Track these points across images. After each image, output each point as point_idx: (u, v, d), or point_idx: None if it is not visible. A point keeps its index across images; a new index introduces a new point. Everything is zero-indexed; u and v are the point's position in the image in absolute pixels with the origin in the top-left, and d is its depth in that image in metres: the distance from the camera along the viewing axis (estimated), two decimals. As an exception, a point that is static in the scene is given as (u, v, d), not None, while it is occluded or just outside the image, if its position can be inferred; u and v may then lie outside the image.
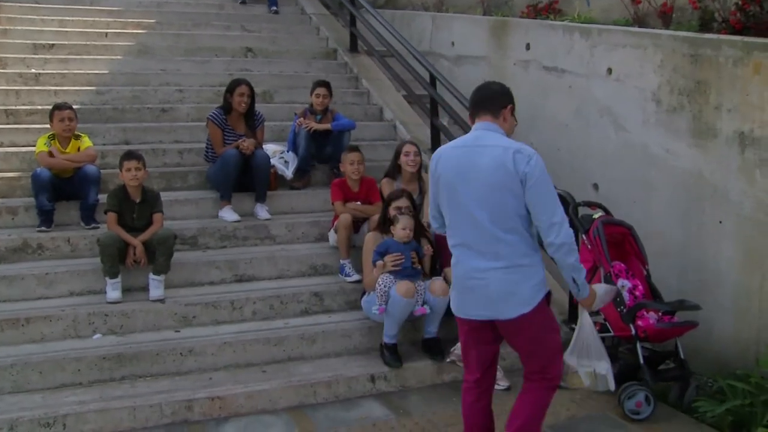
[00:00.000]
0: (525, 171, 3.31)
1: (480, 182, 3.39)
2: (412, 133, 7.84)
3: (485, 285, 3.43)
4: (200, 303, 5.27)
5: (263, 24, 10.25)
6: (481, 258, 3.43)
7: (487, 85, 3.68)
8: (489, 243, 3.40)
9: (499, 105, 3.56)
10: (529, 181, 3.31)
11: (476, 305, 3.51)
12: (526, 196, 3.34)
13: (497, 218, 3.37)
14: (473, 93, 3.65)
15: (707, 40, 5.36)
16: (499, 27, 7.95)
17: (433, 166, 3.61)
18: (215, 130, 6.31)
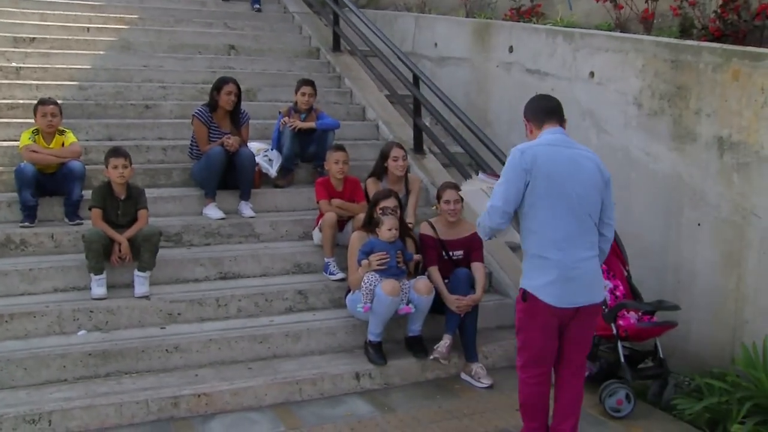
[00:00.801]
0: (607, 176, 3.86)
1: (585, 180, 3.75)
2: (394, 132, 7.89)
3: (586, 272, 3.75)
4: (185, 300, 5.28)
5: (246, 22, 10.24)
6: (582, 248, 3.75)
7: (551, 97, 4.07)
8: (588, 234, 3.78)
9: (563, 116, 3.97)
10: (608, 184, 3.87)
11: (579, 292, 3.75)
12: (604, 197, 3.84)
13: (593, 213, 3.79)
14: (541, 101, 4.01)
15: (688, 46, 5.48)
16: (482, 29, 8.04)
17: (527, 161, 3.70)
18: (201, 128, 6.31)
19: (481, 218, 3.84)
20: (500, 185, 3.75)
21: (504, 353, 5.57)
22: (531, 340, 3.84)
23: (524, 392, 3.96)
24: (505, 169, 3.77)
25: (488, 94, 7.96)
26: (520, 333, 3.88)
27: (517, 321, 3.88)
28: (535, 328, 3.80)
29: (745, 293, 5.10)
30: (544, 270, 3.71)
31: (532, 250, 3.77)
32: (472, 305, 5.22)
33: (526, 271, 3.81)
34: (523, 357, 3.90)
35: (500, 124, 7.74)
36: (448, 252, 5.56)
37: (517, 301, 3.87)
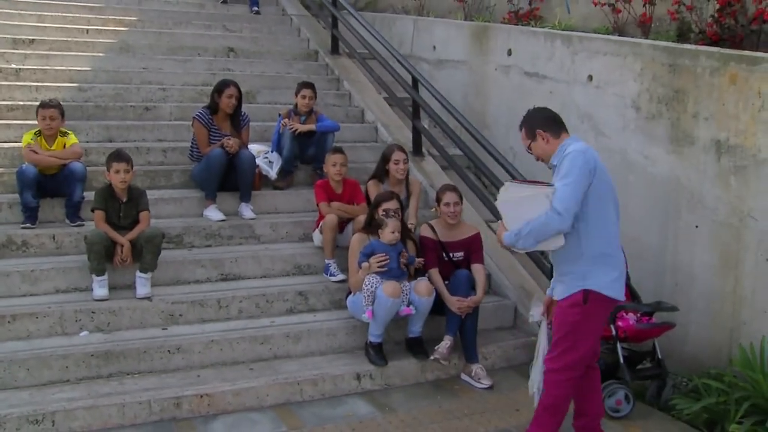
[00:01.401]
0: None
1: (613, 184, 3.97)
2: (393, 135, 7.93)
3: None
4: (187, 301, 5.30)
5: (244, 24, 10.27)
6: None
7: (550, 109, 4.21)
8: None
9: None
10: None
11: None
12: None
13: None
14: (549, 112, 4.12)
15: (686, 50, 5.53)
16: (480, 32, 8.08)
17: (591, 162, 3.79)
18: (201, 130, 6.34)
19: (540, 224, 3.73)
20: (568, 186, 3.70)
21: (503, 354, 5.61)
22: (584, 341, 3.90)
23: (560, 394, 3.99)
24: (571, 171, 3.73)
25: (486, 97, 8.00)
26: (571, 335, 3.89)
27: (569, 325, 3.87)
28: (591, 329, 3.90)
29: (742, 295, 5.15)
30: (609, 267, 3.84)
31: (594, 250, 3.81)
32: (473, 306, 5.26)
33: (587, 271, 3.82)
34: (569, 359, 3.92)
35: (498, 127, 7.78)
36: (449, 253, 5.60)
37: (573, 305, 3.85)
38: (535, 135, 3.99)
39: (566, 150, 3.85)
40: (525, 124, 4.08)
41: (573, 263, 3.86)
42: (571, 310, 3.87)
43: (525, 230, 3.78)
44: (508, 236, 3.87)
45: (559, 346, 3.95)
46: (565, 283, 3.92)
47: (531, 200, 3.79)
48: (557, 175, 3.81)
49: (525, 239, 3.80)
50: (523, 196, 3.85)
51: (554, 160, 3.92)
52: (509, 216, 3.92)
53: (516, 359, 5.63)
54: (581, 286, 3.82)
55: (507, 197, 3.94)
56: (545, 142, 3.97)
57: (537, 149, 4.01)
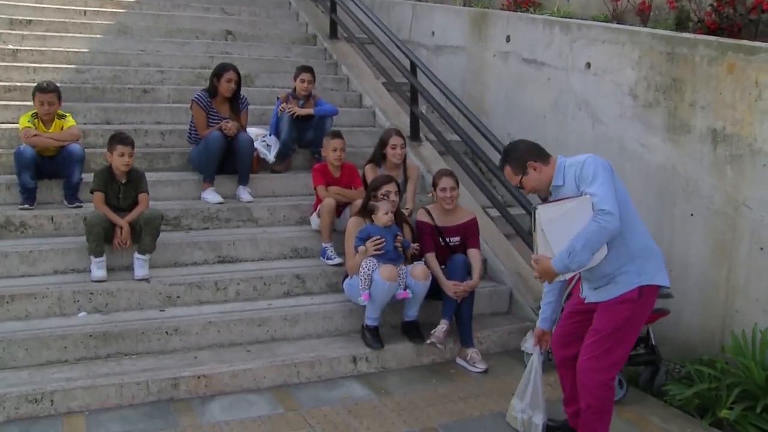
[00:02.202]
0: None
1: None
2: (391, 120, 7.95)
3: None
4: (184, 283, 5.33)
5: (243, 7, 10.24)
6: None
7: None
8: None
9: None
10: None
11: None
12: None
13: None
14: (530, 142, 4.06)
15: (684, 39, 5.54)
16: (479, 18, 8.08)
17: (606, 161, 3.80)
18: (200, 113, 6.35)
19: (594, 231, 3.57)
20: (603, 186, 3.60)
21: (498, 339, 5.66)
22: (631, 336, 3.86)
23: (606, 395, 3.88)
24: (597, 172, 3.64)
25: (485, 83, 8.01)
26: (620, 332, 3.79)
27: (620, 321, 3.77)
28: (639, 323, 3.87)
29: (735, 284, 5.19)
30: (654, 257, 3.83)
31: (640, 244, 3.78)
32: (468, 291, 5.30)
33: (640, 267, 3.75)
34: (615, 357, 3.84)
35: (496, 113, 7.80)
36: (445, 238, 5.63)
37: (624, 301, 3.75)
38: (525, 168, 3.85)
39: (567, 165, 3.78)
40: (511, 161, 3.93)
41: (624, 264, 3.75)
42: (621, 306, 3.76)
43: (578, 245, 3.59)
44: (559, 261, 3.67)
45: (603, 345, 3.81)
46: (619, 284, 3.78)
47: (574, 212, 3.61)
48: (582, 184, 3.67)
49: (581, 254, 3.60)
50: (566, 209, 3.64)
51: (557, 180, 3.82)
52: (554, 237, 3.69)
53: (511, 344, 5.68)
54: (637, 283, 3.75)
55: (550, 216, 3.70)
56: (538, 172, 3.85)
57: (530, 182, 3.88)
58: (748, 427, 4.39)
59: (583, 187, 3.67)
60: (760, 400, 4.39)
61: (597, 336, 3.87)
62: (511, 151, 4.00)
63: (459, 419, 4.51)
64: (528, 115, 7.31)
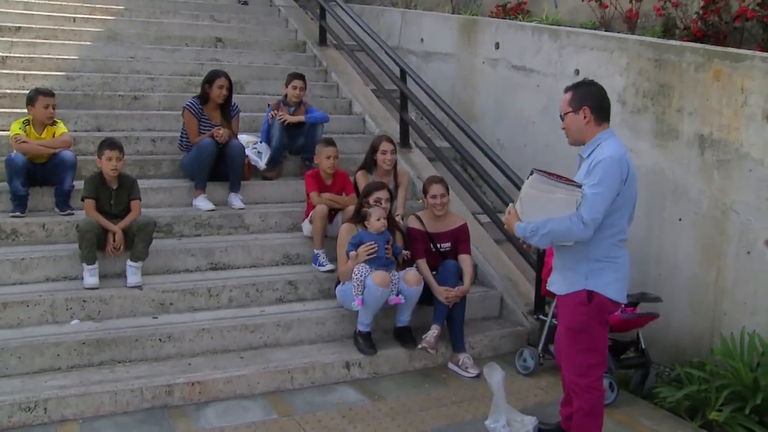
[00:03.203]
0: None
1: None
2: (380, 126, 7.99)
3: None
4: (177, 290, 5.34)
5: (232, 14, 10.27)
6: None
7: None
8: None
9: None
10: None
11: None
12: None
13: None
14: (607, 99, 3.90)
15: (671, 46, 5.62)
16: (469, 25, 8.14)
17: (624, 171, 3.71)
18: (191, 120, 6.36)
19: (563, 230, 3.63)
20: (598, 195, 3.59)
21: (489, 343, 5.70)
22: (598, 341, 3.88)
23: (594, 397, 3.90)
24: (604, 180, 3.61)
25: (474, 89, 8.07)
26: (586, 335, 3.84)
27: (580, 324, 3.82)
28: (599, 329, 3.87)
29: (723, 286, 5.26)
30: (611, 270, 3.77)
31: (598, 254, 3.75)
32: (460, 296, 5.34)
33: (589, 272, 3.76)
34: (590, 360, 3.87)
35: (486, 120, 7.86)
36: (436, 244, 5.67)
37: (579, 303, 3.78)
38: (580, 108, 3.79)
39: (600, 146, 3.74)
40: (576, 91, 3.85)
41: (576, 262, 3.80)
42: (579, 309, 3.80)
43: (544, 230, 3.68)
44: (521, 228, 3.77)
45: (572, 349, 3.88)
46: (568, 280, 3.85)
47: (559, 202, 3.64)
48: (587, 178, 3.66)
49: (542, 239, 3.71)
50: (554, 197, 3.66)
51: (584, 151, 3.82)
52: (529, 208, 3.75)
53: (502, 348, 5.72)
54: (583, 286, 3.78)
55: (535, 193, 3.71)
56: (585, 121, 3.79)
57: (570, 122, 3.83)
58: (737, 428, 4.46)
59: (586, 180, 3.67)
60: (748, 401, 4.45)
61: (564, 339, 3.95)
62: (582, 85, 3.93)
63: (452, 423, 4.55)
64: (517, 121, 7.37)
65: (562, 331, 3.99)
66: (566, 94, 3.89)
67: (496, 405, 4.39)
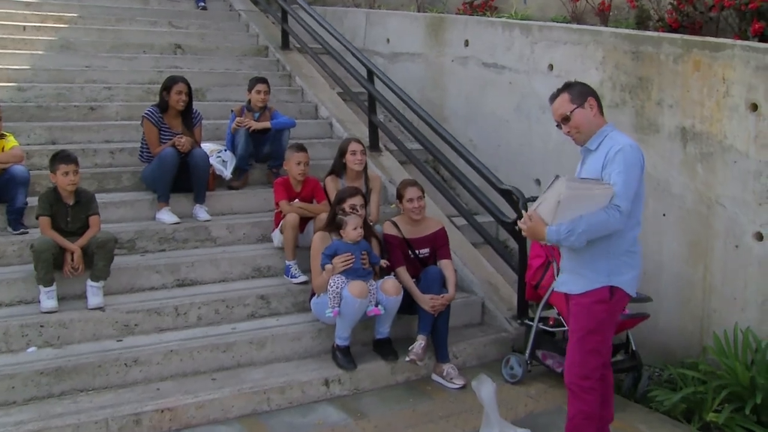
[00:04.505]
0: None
1: None
2: (348, 130, 7.76)
3: None
4: (142, 310, 5.02)
5: (191, 20, 9.95)
6: None
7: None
8: None
9: None
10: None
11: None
12: None
13: None
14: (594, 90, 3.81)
15: (648, 37, 5.47)
16: (436, 24, 7.94)
17: (641, 156, 3.65)
18: (151, 129, 6.05)
19: (600, 222, 3.49)
20: (627, 183, 3.49)
21: (474, 352, 5.48)
22: (607, 340, 3.78)
23: (593, 399, 3.75)
24: (629, 167, 3.51)
25: (444, 89, 7.87)
26: (597, 334, 3.70)
27: (596, 323, 3.68)
28: (612, 327, 3.79)
29: (712, 283, 5.12)
30: (631, 265, 3.70)
31: (621, 248, 3.64)
32: (446, 304, 5.11)
33: (613, 268, 3.64)
34: (593, 361, 3.73)
35: (457, 119, 7.66)
36: (414, 251, 5.44)
37: (600, 301, 3.64)
38: (584, 101, 3.67)
39: (609, 137, 3.64)
40: (572, 90, 3.73)
41: (597, 259, 3.64)
42: (598, 307, 3.65)
43: (580, 227, 3.50)
44: (554, 232, 3.57)
45: (584, 346, 3.72)
46: (587, 278, 3.68)
47: (596, 199, 3.50)
48: (610, 167, 3.53)
49: (578, 237, 3.53)
50: (593, 194, 3.49)
51: (592, 144, 3.68)
52: (565, 211, 3.51)
53: (487, 357, 5.51)
54: (606, 282, 3.63)
55: (574, 193, 3.49)
56: (593, 112, 3.68)
57: (581, 118, 3.66)
58: (736, 428, 4.31)
59: (608, 170, 3.54)
60: (747, 401, 4.29)
61: (573, 339, 3.78)
62: (575, 82, 3.85)
63: (441, 439, 4.32)
64: (490, 120, 7.18)
65: (575, 332, 3.77)
66: (561, 97, 3.76)
67: (488, 418, 4.18)
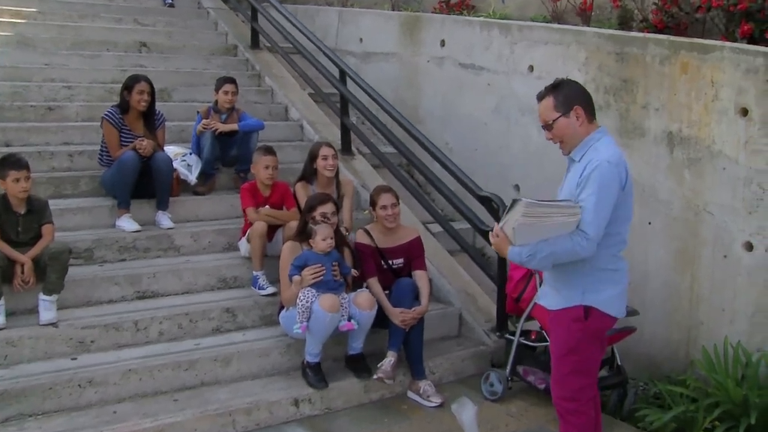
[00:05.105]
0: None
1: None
2: (320, 132, 7.48)
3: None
4: (99, 325, 4.69)
5: (158, 17, 9.57)
6: None
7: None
8: None
9: None
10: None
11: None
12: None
13: None
14: (587, 90, 3.52)
15: (633, 38, 5.27)
16: (411, 23, 7.68)
17: (622, 177, 3.32)
18: (111, 131, 5.72)
19: (566, 251, 3.22)
20: (599, 206, 3.18)
21: (451, 367, 5.23)
22: (592, 361, 3.52)
23: (581, 422, 3.48)
24: (602, 187, 3.20)
25: (419, 90, 7.62)
26: (574, 355, 3.43)
27: (574, 341, 3.42)
28: (595, 348, 3.51)
29: (699, 293, 4.92)
30: (610, 282, 3.39)
31: (596, 265, 3.34)
32: (418, 318, 4.85)
33: (586, 285, 3.36)
34: (575, 382, 3.46)
35: (432, 121, 7.42)
36: (388, 261, 5.17)
37: (575, 320, 3.38)
38: (570, 109, 3.35)
39: (594, 148, 3.33)
40: (558, 93, 3.39)
41: (572, 275, 3.37)
42: (574, 326, 3.39)
43: (542, 253, 3.26)
44: (515, 254, 3.33)
45: (562, 369, 3.47)
46: (562, 294, 3.43)
47: (558, 226, 3.21)
48: (584, 188, 3.23)
49: (540, 262, 3.30)
50: (553, 222, 3.19)
51: (576, 154, 3.38)
52: (522, 235, 3.26)
53: (465, 372, 5.26)
54: (579, 302, 3.37)
55: (530, 220, 3.18)
56: (579, 122, 3.36)
57: (564, 128, 3.37)
58: (728, 449, 4.09)
59: (581, 195, 3.24)
60: (740, 420, 4.08)
61: (554, 357, 3.54)
62: (563, 84, 3.46)
63: (418, 464, 4.06)
64: (467, 122, 6.95)
65: (552, 351, 3.53)
66: (546, 100, 3.43)
67: None
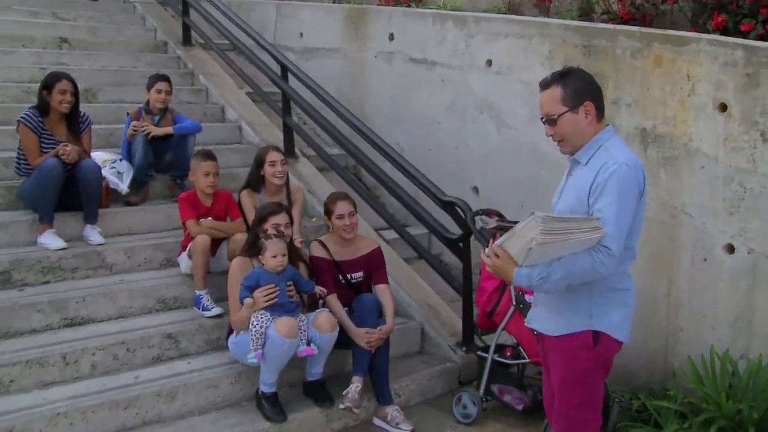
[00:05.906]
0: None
1: None
2: (260, 134, 7.02)
3: None
4: (19, 361, 4.10)
5: (80, 11, 8.92)
6: None
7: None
8: None
9: None
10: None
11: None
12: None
13: None
14: (598, 84, 3.07)
15: (602, 30, 4.98)
16: (356, 16, 7.26)
17: (641, 181, 2.97)
18: (29, 136, 5.11)
19: (586, 270, 2.84)
20: (621, 216, 2.83)
21: (417, 387, 4.85)
22: (598, 393, 3.13)
23: None
24: (622, 194, 2.84)
25: (366, 87, 7.21)
26: (582, 386, 3.06)
27: (581, 372, 3.02)
28: (601, 378, 3.13)
29: (678, 298, 4.66)
30: (619, 304, 3.01)
31: (605, 284, 2.96)
32: (384, 338, 4.43)
33: (594, 308, 2.98)
34: (590, 413, 3.10)
35: (381, 119, 7.02)
36: (346, 275, 4.75)
37: (583, 347, 2.99)
38: (579, 104, 2.95)
39: (604, 149, 2.96)
40: (568, 84, 2.96)
41: (578, 296, 2.98)
42: (581, 354, 2.99)
43: (557, 274, 2.85)
44: (525, 276, 2.90)
45: (572, 399, 3.06)
46: (564, 318, 3.03)
47: (577, 244, 2.81)
48: (602, 196, 2.86)
49: (554, 284, 2.88)
50: (573, 240, 2.78)
51: (582, 156, 2.99)
52: (538, 255, 2.84)
53: (432, 392, 4.89)
54: (588, 326, 2.98)
55: (550, 238, 2.74)
56: (587, 120, 2.97)
57: (569, 125, 2.97)
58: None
59: (597, 199, 2.86)
60: (736, 436, 3.82)
61: (558, 392, 3.11)
62: (573, 74, 3.03)
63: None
64: (419, 120, 6.58)
65: (555, 381, 3.12)
66: (552, 90, 2.99)
67: None
